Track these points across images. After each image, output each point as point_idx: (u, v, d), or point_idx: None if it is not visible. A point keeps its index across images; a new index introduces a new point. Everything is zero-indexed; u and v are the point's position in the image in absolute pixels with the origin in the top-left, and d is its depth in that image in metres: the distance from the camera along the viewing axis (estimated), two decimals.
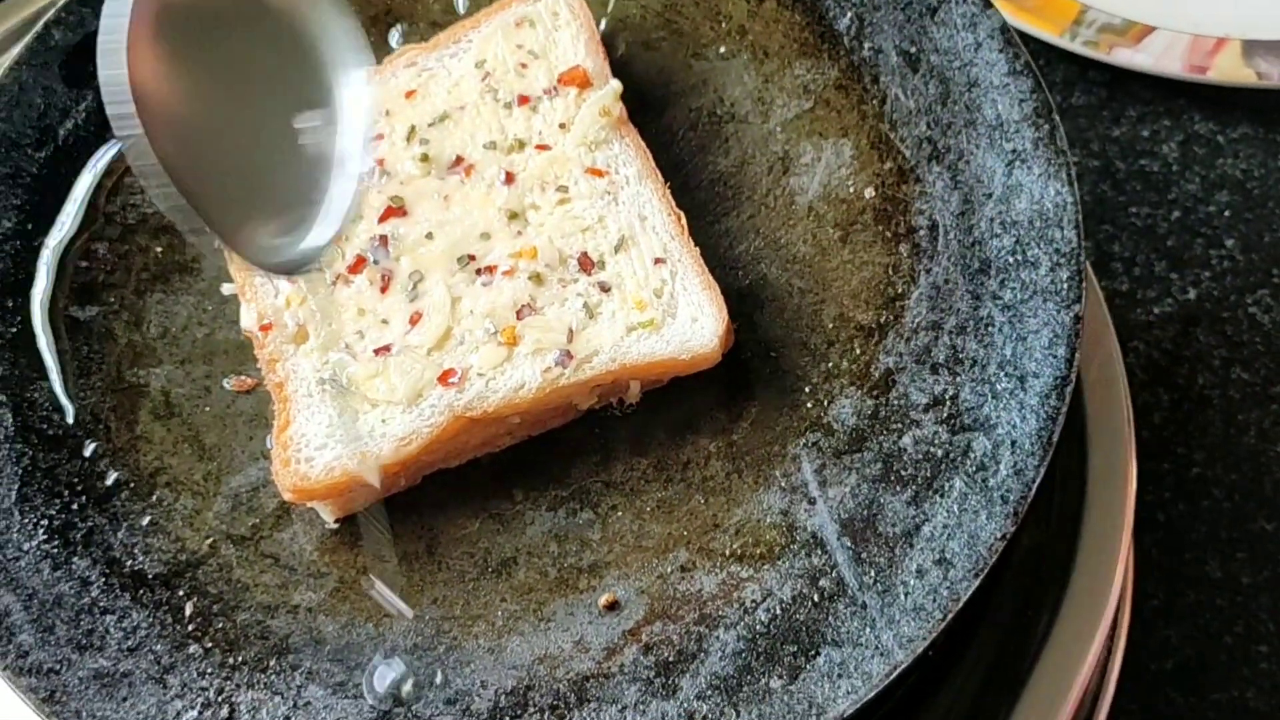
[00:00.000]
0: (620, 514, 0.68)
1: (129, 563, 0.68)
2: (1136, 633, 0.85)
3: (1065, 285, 0.68)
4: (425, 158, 0.74)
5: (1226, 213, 1.05)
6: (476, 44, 0.78)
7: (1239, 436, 0.96)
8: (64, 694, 0.64)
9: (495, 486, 0.69)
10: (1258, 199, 1.06)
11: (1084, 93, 1.12)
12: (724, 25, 0.81)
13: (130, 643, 0.66)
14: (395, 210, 0.73)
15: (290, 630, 0.66)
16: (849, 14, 0.79)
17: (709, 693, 0.62)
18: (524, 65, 0.77)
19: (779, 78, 0.79)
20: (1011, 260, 0.70)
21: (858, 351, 0.70)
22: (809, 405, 0.69)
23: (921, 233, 0.72)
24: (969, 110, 0.74)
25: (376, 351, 0.69)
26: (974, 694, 0.73)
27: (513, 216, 0.72)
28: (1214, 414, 0.97)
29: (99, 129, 0.80)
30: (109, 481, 0.70)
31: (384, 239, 0.72)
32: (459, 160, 0.74)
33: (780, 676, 0.62)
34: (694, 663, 0.63)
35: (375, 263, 0.71)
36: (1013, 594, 0.74)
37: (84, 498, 0.70)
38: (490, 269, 0.71)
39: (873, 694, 0.60)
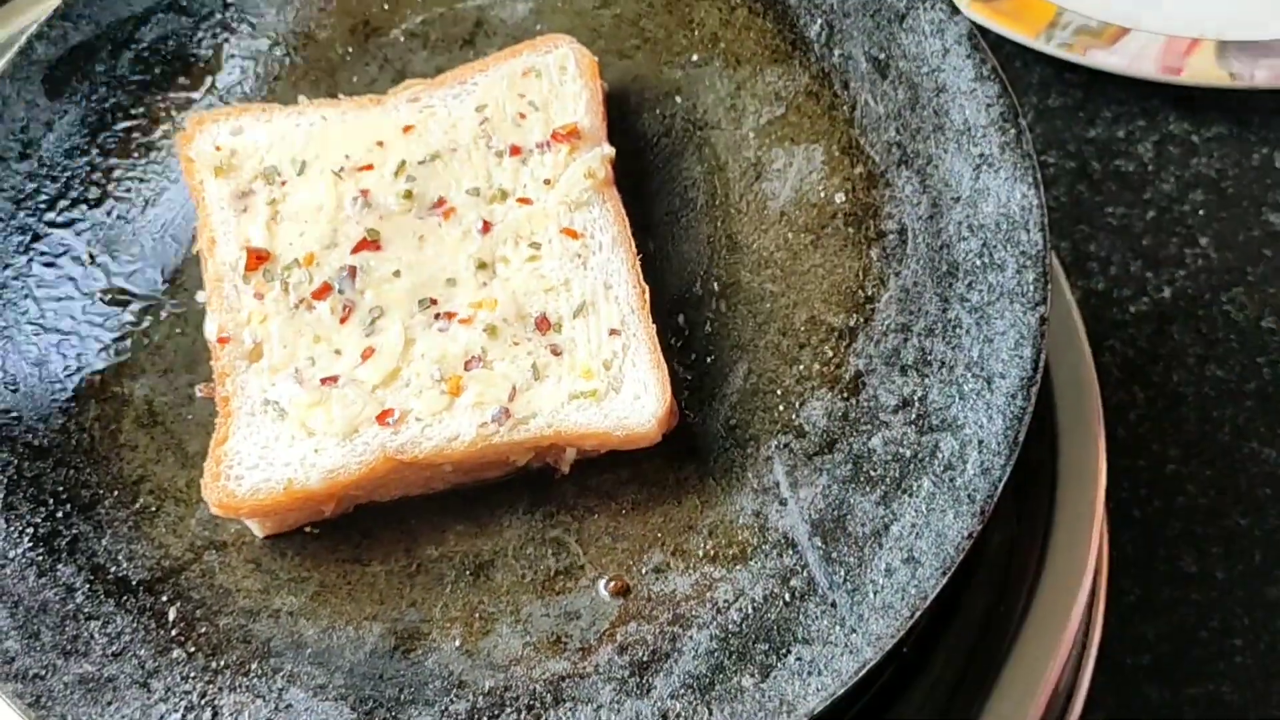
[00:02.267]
0: (595, 517, 0.69)
1: (113, 569, 0.69)
2: (1112, 628, 0.86)
3: (1031, 287, 0.69)
4: (409, 194, 0.74)
5: (1201, 212, 1.07)
6: (481, 88, 0.78)
7: (1214, 433, 0.98)
8: (49, 699, 0.65)
9: (472, 490, 0.70)
10: (1232, 198, 1.07)
11: (1060, 94, 1.13)
12: (696, 33, 0.82)
13: (115, 648, 0.67)
14: (369, 243, 0.73)
15: (272, 634, 0.67)
16: (819, 21, 0.80)
17: (682, 691, 0.63)
18: (523, 115, 0.77)
19: (751, 84, 0.80)
20: (979, 263, 0.71)
21: (829, 354, 0.71)
22: (781, 408, 0.70)
23: (891, 236, 0.73)
24: (937, 115, 0.75)
25: (323, 381, 0.69)
26: (948, 689, 0.75)
27: (481, 266, 0.72)
28: (1189, 411, 0.99)
29: (82, 142, 0.81)
30: (93, 490, 0.71)
31: (353, 270, 0.72)
32: (441, 202, 0.74)
33: (752, 675, 0.63)
34: (668, 662, 0.64)
35: (340, 292, 0.72)
36: (985, 591, 0.76)
37: (69, 505, 0.71)
38: (449, 315, 0.71)
39: (843, 691, 0.62)
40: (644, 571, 0.67)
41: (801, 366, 0.71)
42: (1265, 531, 0.94)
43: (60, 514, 0.71)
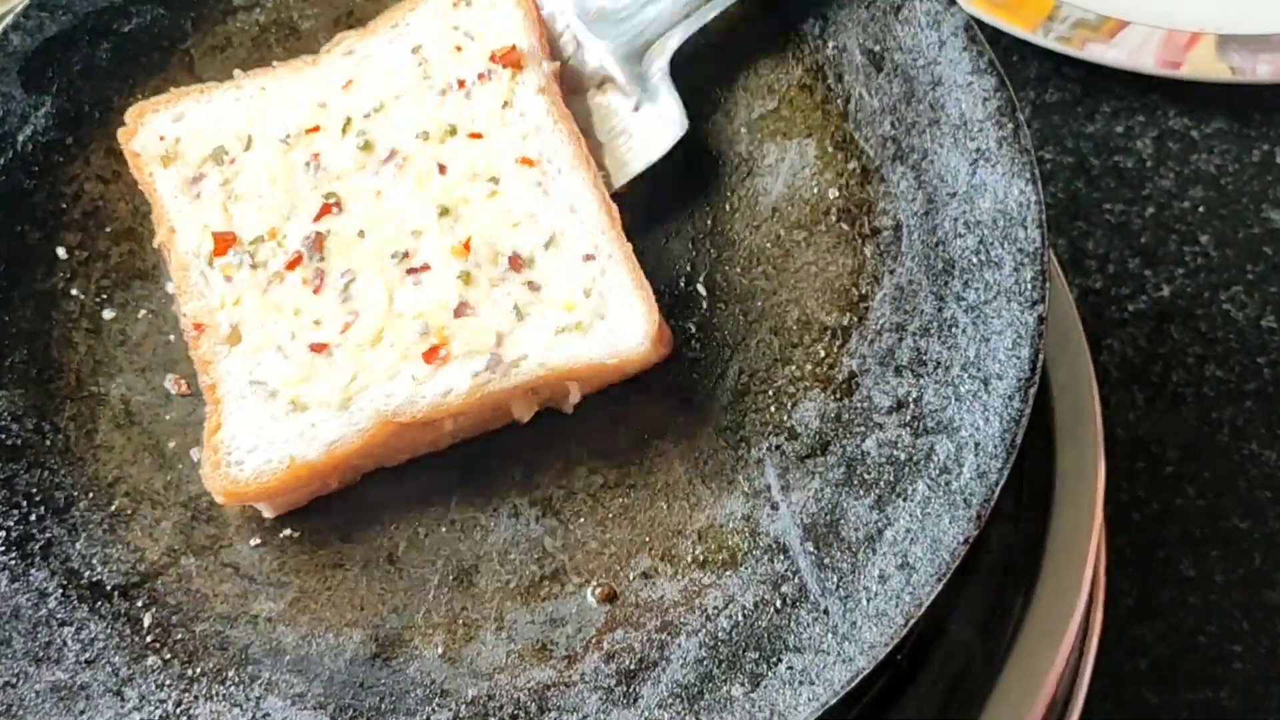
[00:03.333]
0: (582, 521, 0.67)
1: (87, 574, 0.68)
2: (1110, 632, 0.85)
3: (1029, 285, 0.68)
4: (367, 145, 0.72)
5: (1201, 209, 1.05)
6: (413, 27, 0.76)
7: (1213, 434, 0.96)
8: (20, 708, 0.63)
9: (456, 495, 0.68)
10: (1232, 195, 1.05)
11: (1058, 89, 1.12)
12: None
13: (88, 655, 0.65)
14: (329, 207, 0.71)
15: (250, 641, 0.65)
16: (813, 12, 0.78)
17: (670, 701, 0.61)
18: (459, 48, 0.75)
19: (742, 78, 0.78)
20: (975, 260, 0.69)
21: (821, 354, 0.70)
22: (772, 409, 0.69)
23: (885, 233, 0.72)
24: (933, 109, 0.74)
25: (310, 349, 0.68)
26: (943, 696, 0.73)
27: (444, 212, 0.70)
28: (1188, 412, 0.97)
29: (58, 135, 0.79)
30: (68, 492, 0.70)
31: (319, 237, 0.70)
32: (393, 152, 0.73)
33: (742, 684, 0.61)
34: (655, 670, 0.62)
35: (310, 261, 0.70)
36: (981, 596, 0.74)
37: (42, 508, 0.69)
38: (424, 268, 0.69)
39: (835, 700, 0.60)
40: (631, 577, 0.65)
41: (793, 366, 0.70)
42: (1265, 534, 0.93)
43: (34, 517, 0.69)
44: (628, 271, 0.68)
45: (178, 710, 0.63)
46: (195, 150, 0.74)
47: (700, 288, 0.72)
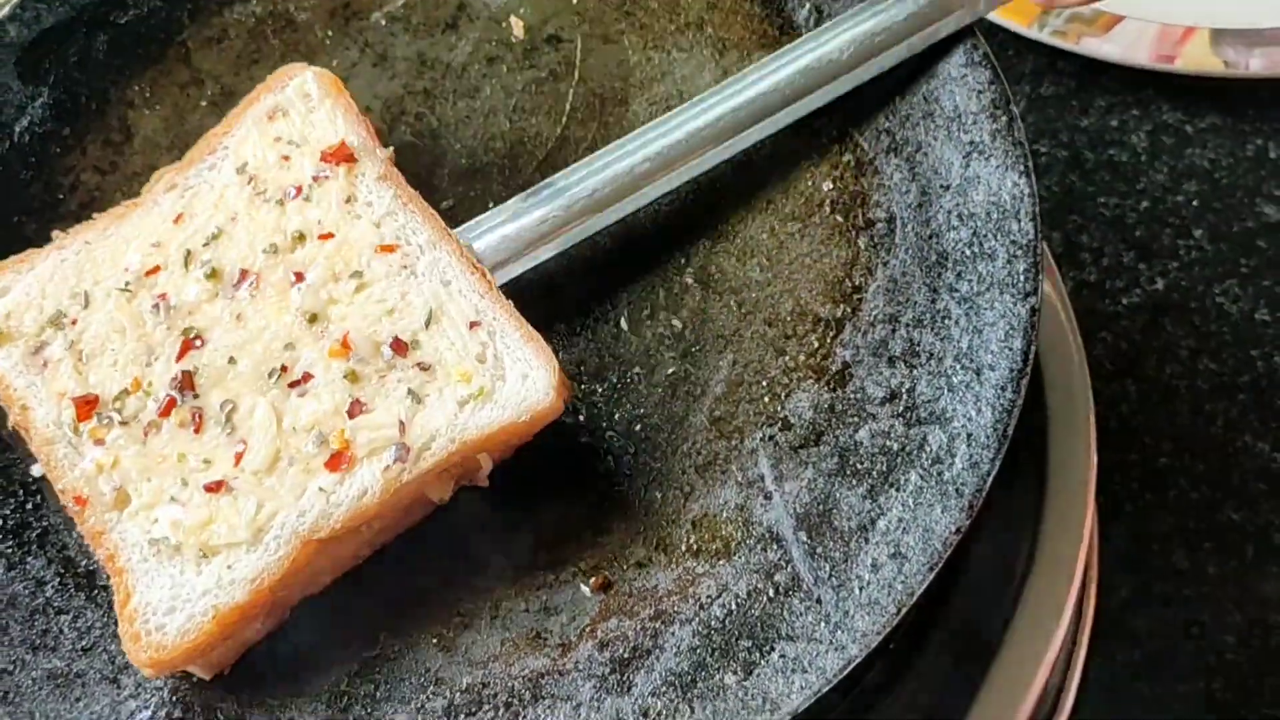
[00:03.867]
0: (577, 510, 0.67)
1: (83, 562, 0.68)
2: (1103, 623, 0.85)
3: (1022, 277, 0.68)
4: (214, 274, 0.70)
5: (1194, 203, 1.05)
6: (233, 149, 0.74)
7: (1206, 427, 0.97)
8: (17, 695, 0.64)
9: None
10: (1225, 189, 1.06)
11: (1053, 83, 1.12)
12: (683, 17, 0.80)
13: (84, 643, 0.66)
14: (190, 343, 0.68)
15: None
16: (807, 5, 0.78)
17: (664, 689, 0.62)
18: (286, 158, 0.73)
19: (738, 69, 0.78)
20: (968, 252, 0.69)
21: (815, 344, 0.70)
22: (766, 399, 0.69)
23: (879, 225, 0.72)
24: (927, 102, 0.74)
25: (206, 488, 0.64)
26: (937, 686, 0.73)
27: (313, 319, 0.68)
28: (1181, 404, 0.98)
29: (55, 126, 0.80)
30: None
31: (186, 376, 0.67)
32: (245, 274, 0.70)
33: (735, 672, 0.61)
34: (649, 659, 0.62)
35: (183, 403, 0.67)
36: (974, 587, 0.74)
37: (38, 497, 0.70)
38: (305, 378, 0.67)
39: (827, 689, 0.60)
40: (626, 566, 0.66)
41: (787, 357, 0.70)
42: (1258, 527, 0.93)
43: (30, 505, 0.70)
44: (515, 328, 0.67)
45: (173, 698, 0.64)
46: (29, 320, 0.70)
47: (696, 278, 0.73)
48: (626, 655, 0.63)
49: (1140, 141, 1.09)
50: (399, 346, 0.67)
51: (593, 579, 0.65)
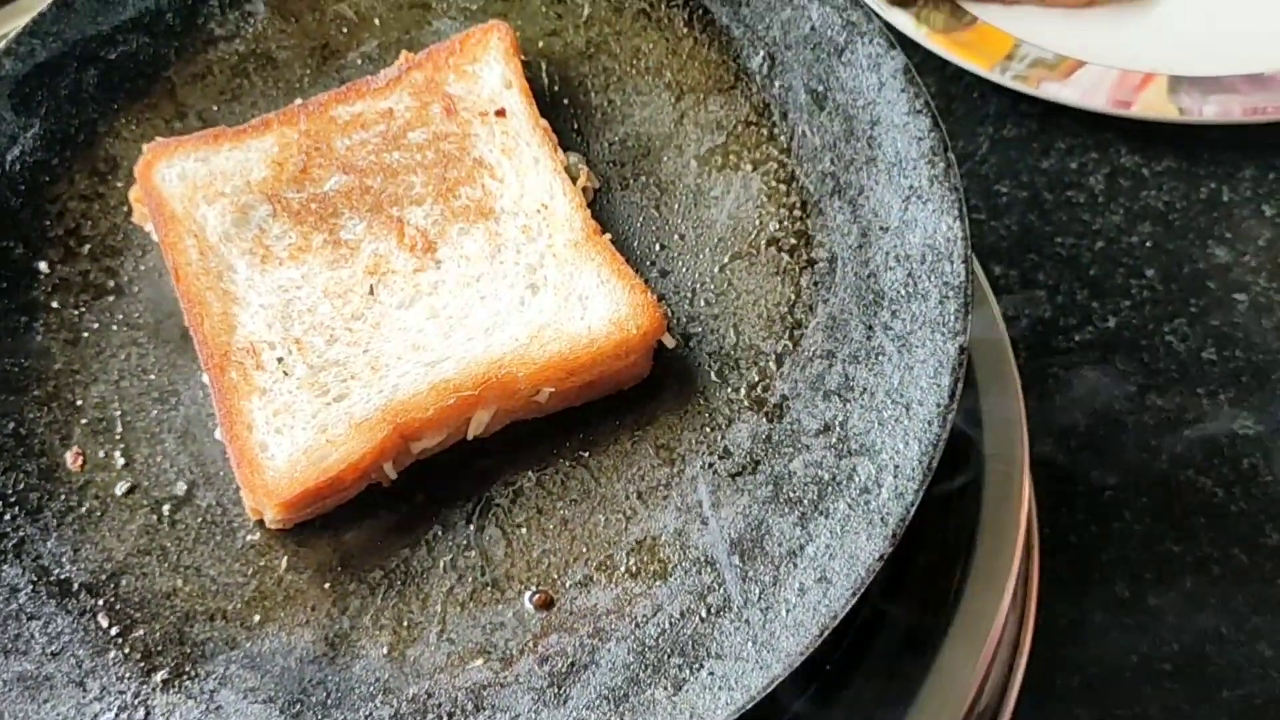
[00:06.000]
0: (525, 531, 0.71)
1: (57, 571, 0.72)
2: (1044, 650, 0.88)
3: (952, 317, 0.72)
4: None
5: (1148, 243, 1.09)
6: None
7: (1151, 461, 1.00)
8: None
9: (406, 501, 0.72)
10: (1178, 230, 1.09)
11: (1015, 125, 1.16)
12: (643, 62, 0.84)
13: (54, 648, 0.69)
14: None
15: (206, 638, 0.69)
16: (761, 53, 0.82)
17: (598, 702, 0.65)
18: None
19: (694, 113, 0.82)
20: (904, 292, 0.73)
21: (756, 378, 0.73)
22: (709, 429, 0.72)
23: (821, 264, 0.76)
24: (870, 147, 0.78)
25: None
26: (869, 706, 0.76)
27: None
28: (1128, 439, 1.01)
29: (45, 156, 0.84)
30: (41, 493, 0.74)
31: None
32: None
33: (665, 688, 0.65)
34: (585, 673, 0.66)
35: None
36: (908, 609, 0.78)
37: (16, 509, 0.73)
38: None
39: (751, 705, 0.63)
40: (568, 585, 0.69)
41: (730, 389, 0.73)
42: (1197, 559, 0.96)
43: (8, 516, 0.73)
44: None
45: (136, 701, 0.67)
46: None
47: None
48: (564, 670, 0.66)
49: (1098, 184, 1.12)
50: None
51: (536, 597, 0.69)
